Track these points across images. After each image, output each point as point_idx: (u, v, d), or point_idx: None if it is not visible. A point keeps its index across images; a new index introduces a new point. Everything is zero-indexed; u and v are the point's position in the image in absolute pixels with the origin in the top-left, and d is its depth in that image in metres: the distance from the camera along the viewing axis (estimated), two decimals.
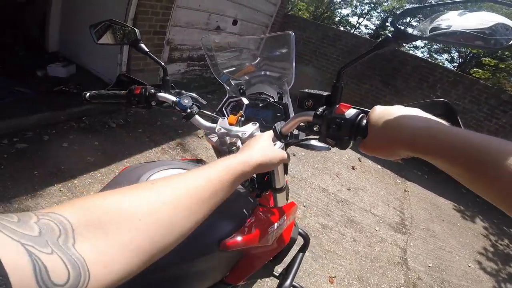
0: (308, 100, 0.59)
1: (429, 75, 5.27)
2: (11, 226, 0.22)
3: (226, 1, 4.36)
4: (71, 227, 0.26)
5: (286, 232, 0.90)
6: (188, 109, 0.75)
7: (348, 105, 0.53)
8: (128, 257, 0.28)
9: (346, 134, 0.52)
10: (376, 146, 0.47)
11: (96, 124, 2.90)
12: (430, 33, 0.46)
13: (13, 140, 2.33)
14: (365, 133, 0.49)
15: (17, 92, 2.91)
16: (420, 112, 0.44)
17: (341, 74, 0.56)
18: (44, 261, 0.21)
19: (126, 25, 0.85)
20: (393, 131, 0.43)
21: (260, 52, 0.96)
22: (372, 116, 0.48)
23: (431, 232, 3.10)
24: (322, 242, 2.34)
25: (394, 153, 0.45)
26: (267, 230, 0.71)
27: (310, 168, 3.47)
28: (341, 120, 0.52)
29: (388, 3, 17.32)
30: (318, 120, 0.56)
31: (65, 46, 4.15)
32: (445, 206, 3.88)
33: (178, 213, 0.34)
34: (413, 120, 0.42)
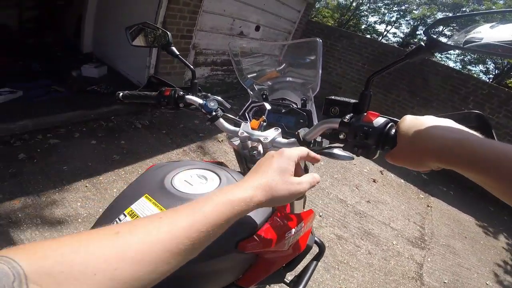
0: (335, 107, 0.59)
1: (462, 86, 5.00)
2: None
3: (249, 7, 4.42)
4: (24, 274, 0.24)
5: (303, 239, 0.89)
6: (213, 112, 0.77)
7: (376, 113, 0.52)
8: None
9: (373, 143, 0.51)
10: (405, 156, 0.46)
11: (123, 124, 3.02)
12: (465, 45, 0.45)
13: (47, 135, 2.47)
14: (393, 142, 0.48)
15: (54, 91, 3.11)
16: (452, 123, 0.43)
17: (370, 82, 0.55)
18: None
19: (159, 28, 0.88)
20: (424, 142, 0.42)
21: (283, 58, 0.96)
22: (402, 125, 0.47)
23: (451, 249, 2.97)
24: (335, 252, 2.29)
25: (424, 165, 0.43)
26: (284, 235, 0.71)
27: (328, 178, 3.41)
28: (369, 129, 0.51)
29: (418, 11, 16.85)
30: (345, 127, 0.55)
31: (98, 47, 4.39)
32: (468, 223, 3.70)
33: (141, 269, 0.29)
34: (446, 131, 0.41)
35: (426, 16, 16.26)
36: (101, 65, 3.93)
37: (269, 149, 0.75)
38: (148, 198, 0.57)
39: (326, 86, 6.28)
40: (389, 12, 17.87)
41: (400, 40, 18.05)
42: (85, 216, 1.84)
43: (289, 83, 0.95)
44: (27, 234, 1.64)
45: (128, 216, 0.55)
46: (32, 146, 2.30)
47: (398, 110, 5.70)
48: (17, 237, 1.61)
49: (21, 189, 1.90)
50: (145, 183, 0.63)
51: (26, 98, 2.83)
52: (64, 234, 1.70)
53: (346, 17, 18.20)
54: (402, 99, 5.63)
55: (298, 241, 0.84)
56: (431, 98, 5.34)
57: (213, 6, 3.80)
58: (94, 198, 2.01)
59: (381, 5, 17.81)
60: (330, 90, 6.28)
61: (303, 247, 0.88)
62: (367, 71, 5.86)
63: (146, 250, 0.30)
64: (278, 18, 5.22)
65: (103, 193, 2.08)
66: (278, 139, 0.71)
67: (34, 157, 2.18)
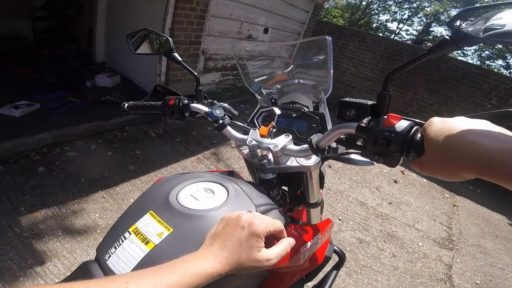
0: (350, 110, 0.53)
1: (482, 82, 4.80)
2: None
3: (257, 10, 4.40)
4: None
5: (320, 251, 0.84)
6: (220, 120, 0.74)
7: (398, 116, 0.46)
8: None
9: (396, 150, 0.45)
10: (435, 166, 0.39)
11: (138, 134, 3.05)
12: (484, 34, 0.39)
13: (65, 148, 2.52)
14: (420, 149, 0.42)
15: (70, 103, 3.19)
16: (489, 125, 0.36)
17: (389, 80, 0.49)
18: None
19: (161, 34, 0.86)
20: (459, 150, 0.35)
21: (293, 59, 0.92)
22: (430, 130, 0.40)
23: (481, 248, 2.85)
24: (357, 257, 2.22)
25: (459, 176, 0.37)
26: (299, 249, 0.66)
27: (347, 181, 3.31)
28: (391, 134, 0.44)
29: (431, 7, 16.42)
30: (363, 133, 0.48)
31: (110, 56, 4.48)
32: (499, 222, 3.53)
33: None
34: (487, 138, 0.34)
35: (439, 12, 15.84)
36: (114, 74, 4.00)
37: (280, 156, 0.71)
38: (153, 215, 0.55)
39: (340, 86, 6.17)
40: (400, 10, 17.51)
41: (414, 38, 17.61)
42: (103, 227, 1.87)
43: (299, 85, 0.90)
44: (49, 245, 1.67)
45: (133, 233, 0.53)
46: (50, 159, 2.35)
47: (416, 108, 5.53)
48: (40, 249, 1.64)
49: (42, 202, 1.94)
50: (150, 198, 0.61)
51: (43, 110, 2.91)
52: (84, 245, 1.73)
53: (356, 16, 17.97)
54: (420, 97, 5.46)
55: (315, 254, 0.80)
56: (451, 95, 5.15)
57: (220, 10, 3.79)
58: (111, 208, 2.03)
59: (391, 3, 17.50)
60: (344, 91, 6.16)
61: (321, 259, 0.83)
62: (382, 69, 5.71)
63: None
64: (286, 20, 5.17)
65: (120, 203, 2.09)
66: (289, 146, 0.67)
67: (53, 170, 2.23)
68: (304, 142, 0.65)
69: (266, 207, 0.64)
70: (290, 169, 0.71)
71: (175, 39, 3.34)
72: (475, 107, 4.93)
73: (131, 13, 3.82)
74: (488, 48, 14.16)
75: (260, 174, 0.77)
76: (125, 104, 0.86)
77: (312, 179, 0.74)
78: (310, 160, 0.69)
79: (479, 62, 14.20)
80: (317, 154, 0.61)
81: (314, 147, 0.59)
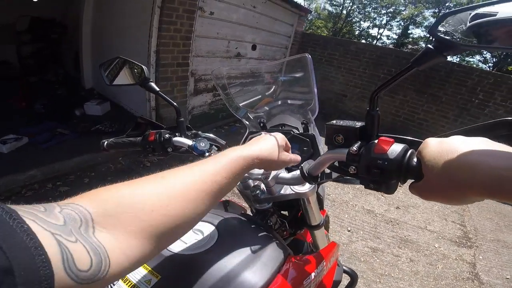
0: (338, 135, 0.50)
1: (466, 78, 4.96)
2: (41, 215, 0.23)
3: (243, 27, 4.42)
4: (91, 217, 0.28)
5: (327, 278, 0.79)
6: (206, 153, 0.69)
7: (389, 140, 0.42)
8: (143, 245, 0.30)
9: (392, 178, 0.41)
10: (438, 190, 0.36)
11: (132, 164, 2.98)
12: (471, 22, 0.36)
13: (57, 183, 2.45)
14: (418, 174, 0.39)
15: (59, 134, 3.10)
16: (489, 143, 0.34)
17: (375, 99, 0.46)
18: (71, 249, 0.23)
19: (134, 62, 0.81)
20: (463, 173, 0.33)
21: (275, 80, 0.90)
22: (426, 153, 0.37)
23: (502, 243, 2.77)
24: (373, 266, 2.13)
25: (465, 199, 0.34)
26: (301, 282, 0.62)
27: (350, 190, 3.24)
28: (384, 162, 0.41)
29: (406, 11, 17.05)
30: (354, 160, 0.45)
31: (99, 82, 4.30)
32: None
33: (187, 205, 0.35)
34: (491, 157, 0.32)
35: (414, 15, 16.43)
36: (104, 101, 3.91)
37: (273, 186, 0.68)
38: None
39: (331, 96, 6.23)
40: (378, 16, 18.17)
41: (395, 41, 18.17)
42: None
43: (286, 106, 0.88)
44: None
45: (121, 281, 0.51)
46: (43, 195, 2.28)
47: (408, 110, 5.63)
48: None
49: None
50: None
51: (32, 144, 2.83)
52: None
53: (339, 25, 18.47)
54: (410, 99, 5.56)
55: (322, 282, 0.75)
56: (439, 94, 5.27)
57: (205, 30, 3.79)
58: None
59: (369, 9, 18.14)
60: (336, 100, 6.22)
61: (329, 287, 0.78)
62: (369, 75, 5.80)
63: (187, 190, 0.36)
64: (273, 35, 5.25)
65: None
66: (281, 175, 0.64)
67: None
68: (297, 167, 0.62)
69: (262, 243, 0.61)
70: (285, 198, 0.69)
71: (161, 62, 3.32)
72: (464, 103, 5.05)
73: (117, 36, 3.77)
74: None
75: (256, 204, 0.74)
76: (105, 142, 0.82)
77: (310, 203, 0.71)
78: (305, 187, 0.66)
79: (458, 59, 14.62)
80: (310, 182, 0.58)
81: (306, 175, 0.57)
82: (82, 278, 0.23)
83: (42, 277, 0.20)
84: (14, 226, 0.20)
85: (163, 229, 0.32)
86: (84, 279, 0.23)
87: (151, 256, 0.32)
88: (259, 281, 0.55)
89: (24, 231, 0.21)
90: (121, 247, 0.28)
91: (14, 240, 0.20)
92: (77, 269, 0.23)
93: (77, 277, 0.23)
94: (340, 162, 0.50)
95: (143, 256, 0.30)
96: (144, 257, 0.31)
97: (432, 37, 0.38)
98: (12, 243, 0.19)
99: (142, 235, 0.30)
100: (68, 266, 0.22)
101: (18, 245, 0.20)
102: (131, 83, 0.82)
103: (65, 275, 0.22)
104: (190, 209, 0.36)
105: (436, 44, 0.38)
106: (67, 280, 0.22)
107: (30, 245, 0.20)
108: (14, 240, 0.20)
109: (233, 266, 0.54)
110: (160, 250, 0.33)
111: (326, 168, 0.56)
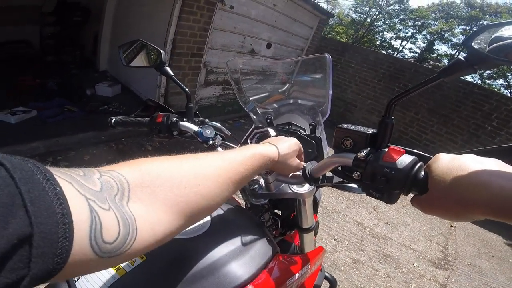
0: (347, 139, 0.48)
1: (484, 102, 4.77)
2: (79, 179, 0.23)
3: (261, 24, 4.40)
4: (128, 186, 0.28)
5: (309, 280, 0.80)
6: (210, 141, 0.70)
7: (400, 150, 0.42)
8: (171, 220, 0.31)
9: (396, 188, 0.40)
10: (441, 206, 0.37)
11: (134, 146, 3.00)
12: (489, 46, 0.35)
13: (58, 158, 2.46)
14: (423, 187, 0.38)
15: (67, 111, 3.14)
16: (502, 164, 0.34)
17: (392, 107, 0.44)
18: (101, 217, 0.23)
19: (153, 46, 0.82)
20: (470, 191, 0.33)
21: (290, 78, 0.87)
22: (436, 167, 0.37)
23: (477, 268, 2.85)
24: (351, 277, 2.17)
25: (466, 216, 0.35)
26: (285, 281, 0.62)
27: (344, 200, 3.26)
28: (391, 171, 0.40)
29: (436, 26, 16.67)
30: (360, 166, 0.44)
31: (113, 65, 4.44)
32: (496, 242, 3.56)
33: (215, 188, 0.36)
34: (502, 178, 0.32)
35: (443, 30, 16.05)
36: (115, 84, 3.97)
37: (272, 183, 0.67)
38: None
39: (341, 105, 6.16)
40: (404, 27, 17.78)
41: (417, 56, 17.79)
42: None
43: (297, 105, 0.85)
44: None
45: None
46: None
47: (417, 128, 5.50)
48: None
49: None
50: None
51: (40, 118, 2.87)
52: None
53: (360, 33, 18.25)
54: (421, 117, 5.44)
55: (303, 284, 0.76)
56: (452, 116, 5.13)
57: (224, 23, 3.79)
58: None
59: (396, 20, 17.80)
60: (345, 109, 6.15)
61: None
62: (383, 88, 5.71)
63: (218, 174, 0.38)
64: (290, 35, 5.18)
65: None
66: None
67: None
68: None
69: (252, 237, 0.62)
70: (282, 196, 0.69)
71: (176, 50, 3.33)
72: (476, 128, 4.89)
73: (137, 22, 3.83)
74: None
75: (252, 199, 0.74)
76: (113, 119, 0.84)
77: (305, 205, 0.72)
78: (304, 188, 0.67)
79: (480, 82, 14.30)
80: (310, 183, 0.57)
81: (308, 176, 0.56)
82: (104, 250, 0.23)
83: (58, 250, 0.19)
84: (46, 188, 0.20)
85: (192, 207, 0.33)
86: (105, 252, 0.23)
87: (174, 234, 0.32)
88: (244, 274, 0.55)
89: (56, 194, 0.20)
90: (151, 220, 0.28)
91: (43, 204, 0.19)
92: (102, 240, 0.22)
93: (100, 249, 0.22)
94: (344, 167, 0.49)
95: (169, 232, 0.30)
96: (169, 234, 0.31)
97: (466, 48, 0.37)
98: (40, 206, 0.18)
99: (173, 209, 0.31)
100: (95, 235, 0.22)
101: (46, 210, 0.19)
102: (147, 66, 0.84)
103: (88, 246, 0.21)
104: (217, 192, 0.37)
105: (468, 56, 0.37)
106: (88, 252, 0.21)
107: (58, 211, 0.19)
108: (43, 203, 0.19)
109: (220, 255, 0.55)
110: (184, 228, 0.33)
111: (328, 172, 0.55)
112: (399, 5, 17.28)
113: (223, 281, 0.53)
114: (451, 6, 16.63)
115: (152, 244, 0.28)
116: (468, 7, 16.04)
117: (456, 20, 15.98)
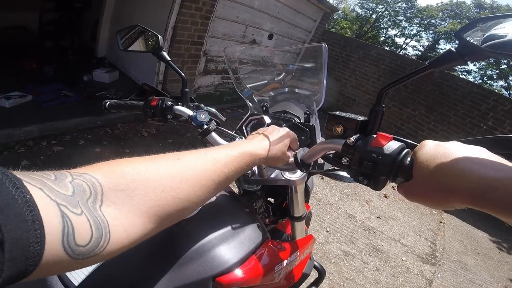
0: (338, 125, 0.49)
1: (482, 102, 4.80)
2: (50, 184, 0.23)
3: (263, 14, 4.35)
4: (101, 190, 0.27)
5: (298, 268, 0.80)
6: (205, 125, 0.69)
7: (388, 136, 0.42)
8: (146, 223, 0.30)
9: (383, 174, 0.41)
10: (423, 193, 0.36)
11: (129, 132, 2.98)
12: (483, 44, 0.36)
13: (52, 142, 2.44)
14: (408, 174, 0.38)
15: (63, 96, 3.11)
16: (486, 153, 0.33)
17: (383, 95, 0.45)
18: (73, 222, 0.23)
19: (150, 30, 0.82)
20: (451, 179, 0.33)
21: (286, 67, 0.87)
22: (421, 153, 0.37)
23: (463, 265, 2.92)
24: (341, 269, 2.21)
25: (448, 205, 0.34)
26: (273, 267, 0.63)
27: (338, 193, 3.30)
28: (378, 156, 0.41)
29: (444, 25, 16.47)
30: (349, 151, 0.45)
31: (112, 52, 4.39)
32: (482, 239, 3.63)
33: (195, 191, 0.36)
34: (483, 166, 0.31)
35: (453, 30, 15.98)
36: (113, 70, 3.93)
37: (265, 169, 0.68)
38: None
39: (340, 98, 6.15)
40: (410, 25, 17.60)
41: (420, 54, 17.70)
42: None
43: (293, 94, 0.86)
44: None
45: None
46: (35, 152, 2.27)
47: (413, 125, 5.53)
48: None
49: None
50: None
51: (35, 102, 2.84)
52: None
53: (364, 29, 18.08)
54: (418, 114, 5.45)
55: (292, 271, 0.76)
56: (448, 114, 5.15)
57: (226, 12, 3.75)
58: None
59: (402, 17, 17.61)
60: (343, 103, 6.15)
61: (297, 277, 0.79)
62: (383, 83, 5.61)
63: (199, 177, 0.37)
64: (292, 27, 5.13)
65: None
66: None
67: (36, 164, 2.14)
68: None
69: (243, 222, 0.62)
70: (274, 182, 0.69)
71: (177, 38, 3.30)
72: (471, 127, 4.93)
73: (138, 8, 3.77)
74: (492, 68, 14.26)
75: (244, 185, 0.75)
76: (107, 102, 0.83)
77: (297, 193, 0.72)
78: (296, 175, 0.68)
79: (481, 81, 14.29)
80: (301, 169, 0.58)
81: (299, 162, 0.56)
82: (77, 253, 0.23)
83: (30, 254, 0.20)
84: (16, 196, 0.20)
85: (168, 210, 0.32)
86: (79, 254, 0.23)
87: (149, 236, 0.31)
88: (233, 258, 0.55)
89: (26, 201, 0.20)
90: (124, 224, 0.28)
91: (13, 212, 0.19)
92: (75, 244, 0.23)
93: (73, 251, 0.23)
94: (335, 154, 0.50)
95: (143, 234, 0.30)
96: (143, 236, 0.30)
97: (458, 40, 0.38)
98: (10, 214, 0.19)
99: (147, 214, 0.30)
100: (67, 239, 0.22)
101: (16, 217, 0.19)
102: (144, 51, 0.85)
103: (60, 249, 0.22)
104: (198, 194, 0.36)
105: (459, 48, 0.37)
106: (61, 254, 0.22)
107: (29, 218, 0.20)
108: (12, 211, 0.19)
109: (209, 239, 0.55)
110: (159, 230, 0.33)
111: (319, 159, 0.55)
112: (406, 3, 17.06)
113: (211, 264, 0.53)
114: (460, 6, 16.49)
115: (126, 246, 0.28)
116: (478, 8, 15.92)
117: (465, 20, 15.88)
